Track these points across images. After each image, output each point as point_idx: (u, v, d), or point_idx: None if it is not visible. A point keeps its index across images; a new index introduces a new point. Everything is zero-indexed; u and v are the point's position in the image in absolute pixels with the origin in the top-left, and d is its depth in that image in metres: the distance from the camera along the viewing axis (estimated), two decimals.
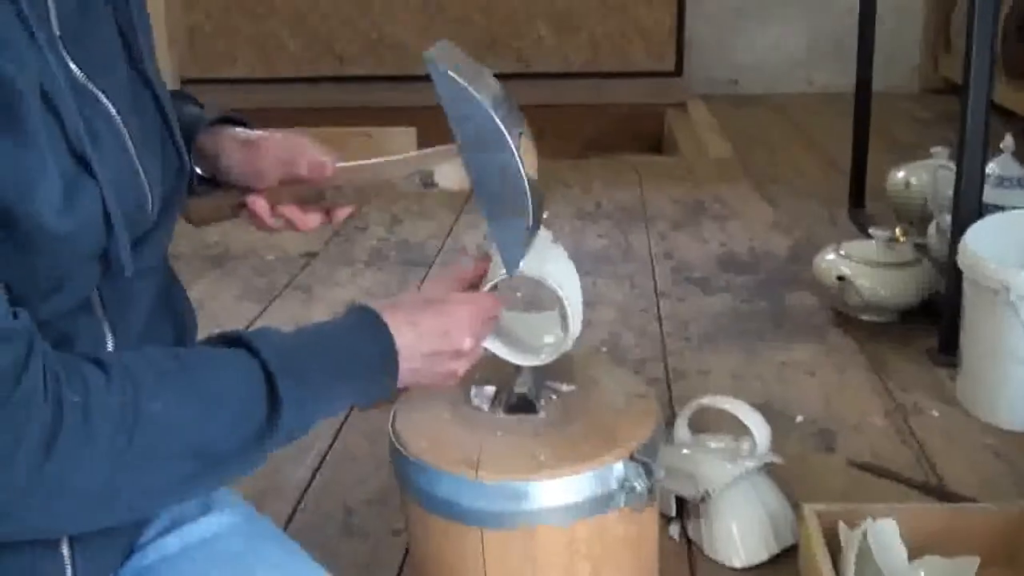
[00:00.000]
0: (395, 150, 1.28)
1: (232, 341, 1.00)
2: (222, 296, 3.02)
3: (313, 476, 2.00)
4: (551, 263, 1.25)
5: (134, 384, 0.87)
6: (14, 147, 0.81)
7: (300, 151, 1.23)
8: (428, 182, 1.19)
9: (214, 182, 1.27)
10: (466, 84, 1.08)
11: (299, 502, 1.92)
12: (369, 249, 3.42)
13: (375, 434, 2.06)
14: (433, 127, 1.27)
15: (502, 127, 1.10)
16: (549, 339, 1.31)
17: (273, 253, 3.36)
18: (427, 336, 1.11)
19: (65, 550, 0.95)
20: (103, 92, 0.96)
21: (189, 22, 5.95)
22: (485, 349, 1.24)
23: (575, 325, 1.25)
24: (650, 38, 6.00)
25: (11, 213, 0.82)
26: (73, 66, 0.93)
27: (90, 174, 0.89)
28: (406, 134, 4.42)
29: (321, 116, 5.18)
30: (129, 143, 0.98)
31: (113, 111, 0.96)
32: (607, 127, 5.65)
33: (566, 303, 1.23)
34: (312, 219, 1.26)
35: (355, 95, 5.73)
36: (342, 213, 1.28)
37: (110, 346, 0.99)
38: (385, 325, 1.09)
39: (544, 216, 1.22)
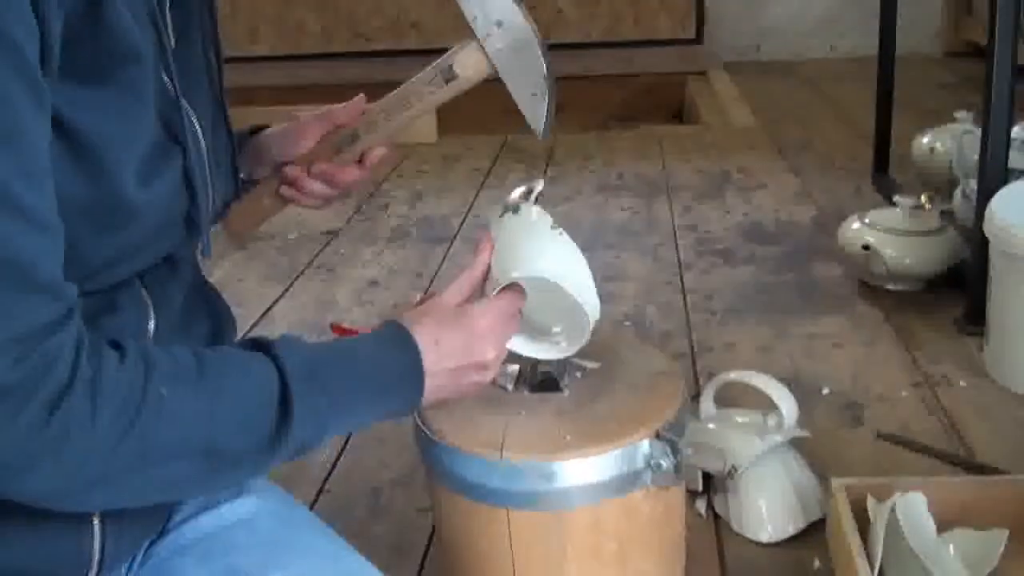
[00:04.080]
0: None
1: (256, 346, 1.00)
2: (246, 277, 3.03)
3: (338, 458, 2.00)
4: (555, 257, 1.21)
5: (147, 369, 0.88)
6: (125, 116, 0.89)
7: (334, 108, 1.30)
8: (449, 76, 1.24)
9: (250, 184, 1.34)
10: None
11: (324, 484, 1.92)
12: (391, 226, 3.42)
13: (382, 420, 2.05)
14: (453, 103, 1.28)
15: None
16: (568, 327, 1.29)
17: (295, 232, 3.36)
18: (450, 352, 1.11)
19: (96, 521, 0.96)
20: (191, 108, 1.02)
21: None
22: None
23: (591, 313, 1.22)
24: (671, 6, 5.97)
25: (106, 176, 0.88)
26: (166, 79, 0.97)
27: (180, 146, 0.97)
28: None
29: (343, 93, 5.17)
30: (204, 156, 1.04)
31: (197, 126, 1.03)
32: (628, 97, 5.63)
33: (576, 297, 1.20)
34: (349, 172, 1.30)
35: (377, 71, 5.72)
36: (375, 155, 1.31)
37: (151, 324, 1.02)
38: (412, 339, 1.09)
39: (539, 187, 1.25)
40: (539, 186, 1.24)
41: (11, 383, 0.78)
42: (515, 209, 1.24)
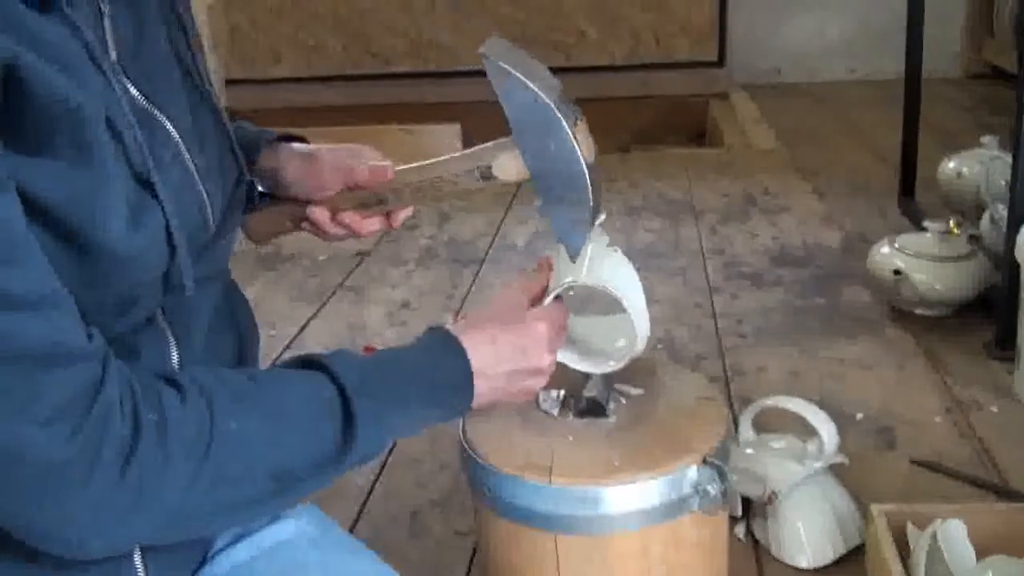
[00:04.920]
0: (438, 147, 1.28)
1: (308, 363, 1.01)
2: (276, 298, 3.04)
3: (376, 479, 2.01)
4: (611, 270, 1.24)
5: (209, 403, 0.89)
6: (84, 174, 0.83)
7: (358, 159, 1.26)
8: (486, 175, 1.20)
9: (275, 197, 1.30)
10: (518, 73, 1.09)
11: (363, 506, 1.94)
12: (419, 248, 3.43)
13: (436, 436, 2.06)
14: (475, 123, 1.27)
15: (556, 112, 1.10)
16: (617, 343, 1.31)
17: (324, 253, 3.37)
18: (506, 355, 1.12)
19: (137, 559, 0.96)
20: (164, 114, 0.98)
21: (230, 24, 5.99)
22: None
23: (642, 331, 1.25)
24: (692, 29, 5.99)
25: (83, 238, 0.84)
26: (134, 90, 0.95)
27: (154, 197, 0.91)
28: (449, 131, 4.43)
29: (363, 114, 5.21)
30: (190, 163, 1.00)
31: (174, 133, 0.98)
32: (650, 120, 5.65)
33: (631, 310, 1.22)
34: (372, 223, 1.29)
35: (397, 92, 5.76)
36: (402, 215, 1.30)
37: (175, 357, 1.01)
38: (460, 346, 1.10)
39: (602, 218, 1.23)
40: (602, 216, 1.25)
41: (72, 455, 0.79)
42: None
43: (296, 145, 1.31)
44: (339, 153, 1.27)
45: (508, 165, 1.18)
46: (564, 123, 1.10)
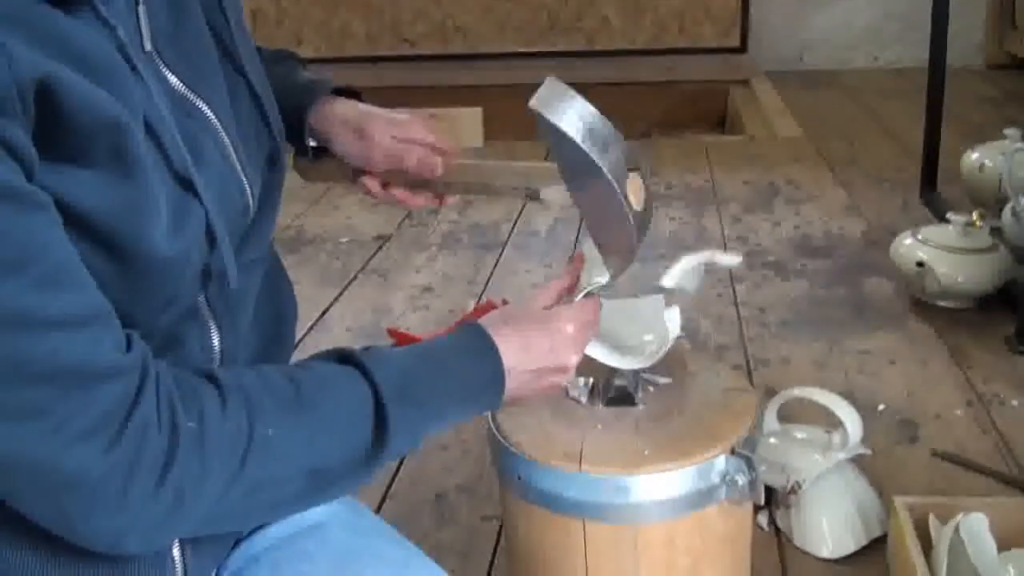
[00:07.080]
0: (462, 130, 1.29)
1: (345, 359, 1.01)
2: (300, 281, 3.01)
3: (400, 464, 2.02)
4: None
5: (248, 410, 0.89)
6: (125, 186, 0.82)
7: (409, 149, 1.27)
8: (533, 196, 1.23)
9: (328, 151, 1.32)
10: (569, 130, 1.07)
11: (388, 490, 1.95)
12: (442, 232, 3.44)
13: (461, 423, 2.06)
14: (498, 107, 1.27)
15: (608, 175, 1.09)
16: (646, 337, 1.32)
17: (346, 236, 3.39)
18: (535, 354, 1.13)
19: (176, 550, 0.97)
20: (202, 98, 0.97)
21: (252, 7, 6.00)
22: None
23: (673, 330, 1.25)
24: (716, 15, 5.98)
25: (126, 248, 0.84)
26: (172, 77, 0.94)
27: (195, 195, 0.91)
28: (473, 115, 4.42)
29: (387, 96, 5.21)
30: (229, 147, 0.99)
31: (213, 117, 0.98)
32: (671, 105, 5.63)
33: (664, 311, 1.23)
34: (423, 199, 1.32)
35: (421, 74, 5.76)
36: (451, 199, 1.34)
37: (216, 344, 1.01)
38: (495, 348, 1.10)
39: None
40: None
41: (109, 468, 0.80)
42: None
43: (347, 110, 1.30)
44: (391, 130, 1.28)
45: (556, 195, 1.21)
46: (615, 184, 1.09)
